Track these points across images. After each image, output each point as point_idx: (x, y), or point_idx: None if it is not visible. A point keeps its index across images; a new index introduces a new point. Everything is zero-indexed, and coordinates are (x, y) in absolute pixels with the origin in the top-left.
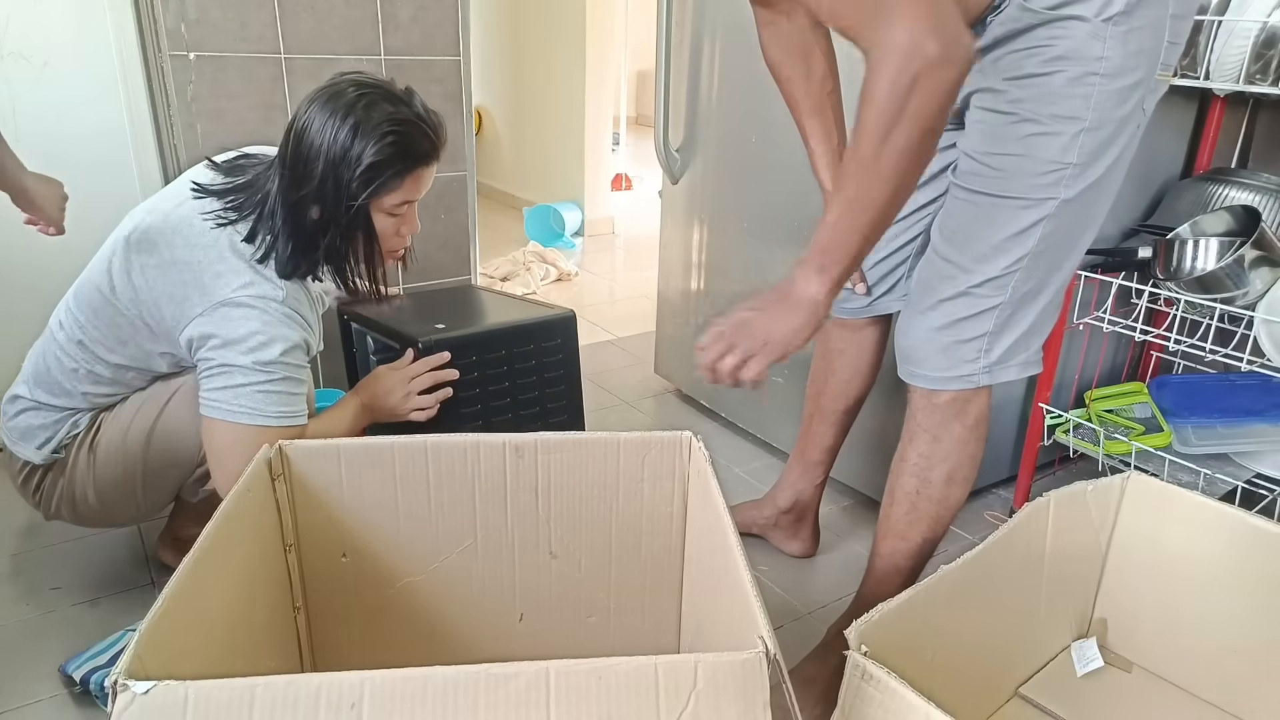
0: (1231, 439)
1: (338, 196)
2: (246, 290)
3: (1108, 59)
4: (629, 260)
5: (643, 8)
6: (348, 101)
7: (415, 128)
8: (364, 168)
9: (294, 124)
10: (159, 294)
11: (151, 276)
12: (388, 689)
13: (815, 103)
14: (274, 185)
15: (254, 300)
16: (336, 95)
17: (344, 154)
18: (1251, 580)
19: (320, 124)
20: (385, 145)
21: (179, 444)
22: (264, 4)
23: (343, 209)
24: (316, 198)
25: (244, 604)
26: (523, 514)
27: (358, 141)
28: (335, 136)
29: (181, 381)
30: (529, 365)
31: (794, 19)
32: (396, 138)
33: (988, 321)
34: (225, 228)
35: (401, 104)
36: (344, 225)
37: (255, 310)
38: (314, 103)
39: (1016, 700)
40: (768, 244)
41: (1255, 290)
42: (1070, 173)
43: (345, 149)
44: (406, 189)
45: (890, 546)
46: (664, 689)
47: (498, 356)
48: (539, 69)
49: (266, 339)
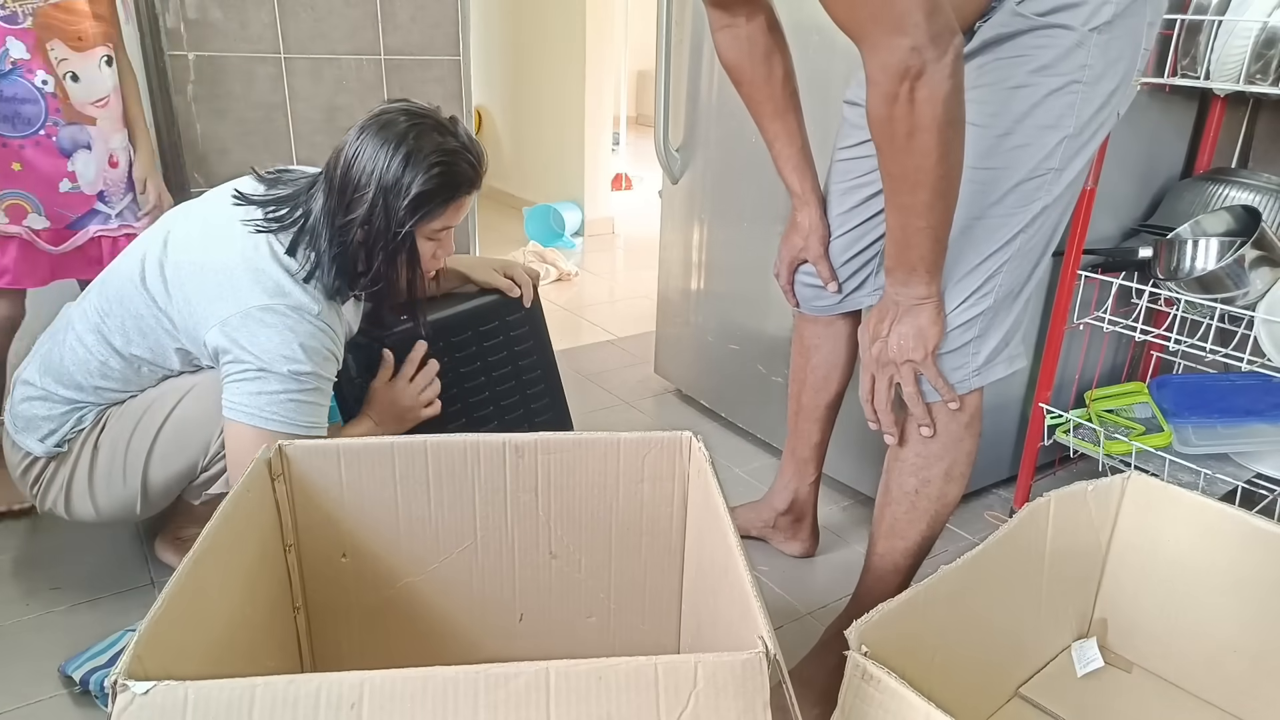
0: (1232, 439)
1: (387, 222)
2: (284, 300)
3: (1090, 67)
4: (629, 260)
5: (643, 8)
6: (399, 131)
7: (462, 157)
8: (413, 196)
9: (344, 150)
10: (191, 291)
11: (186, 274)
12: (388, 689)
13: (778, 105)
14: (319, 205)
15: (291, 310)
16: (388, 125)
17: (395, 182)
18: (1252, 580)
19: (372, 152)
20: (433, 175)
21: (185, 447)
22: (264, 4)
23: (390, 234)
24: (365, 222)
25: (244, 604)
26: (523, 514)
27: (409, 171)
28: (388, 164)
29: (193, 384)
30: (497, 343)
31: (753, 21)
32: (444, 168)
33: (974, 328)
34: (265, 234)
35: (449, 134)
36: (390, 250)
37: (292, 319)
38: (365, 130)
39: (1017, 700)
40: (768, 244)
41: (1255, 290)
42: (1050, 178)
43: (396, 178)
44: (449, 215)
45: (888, 545)
46: (664, 689)
47: (464, 339)
48: (539, 69)
49: (304, 350)
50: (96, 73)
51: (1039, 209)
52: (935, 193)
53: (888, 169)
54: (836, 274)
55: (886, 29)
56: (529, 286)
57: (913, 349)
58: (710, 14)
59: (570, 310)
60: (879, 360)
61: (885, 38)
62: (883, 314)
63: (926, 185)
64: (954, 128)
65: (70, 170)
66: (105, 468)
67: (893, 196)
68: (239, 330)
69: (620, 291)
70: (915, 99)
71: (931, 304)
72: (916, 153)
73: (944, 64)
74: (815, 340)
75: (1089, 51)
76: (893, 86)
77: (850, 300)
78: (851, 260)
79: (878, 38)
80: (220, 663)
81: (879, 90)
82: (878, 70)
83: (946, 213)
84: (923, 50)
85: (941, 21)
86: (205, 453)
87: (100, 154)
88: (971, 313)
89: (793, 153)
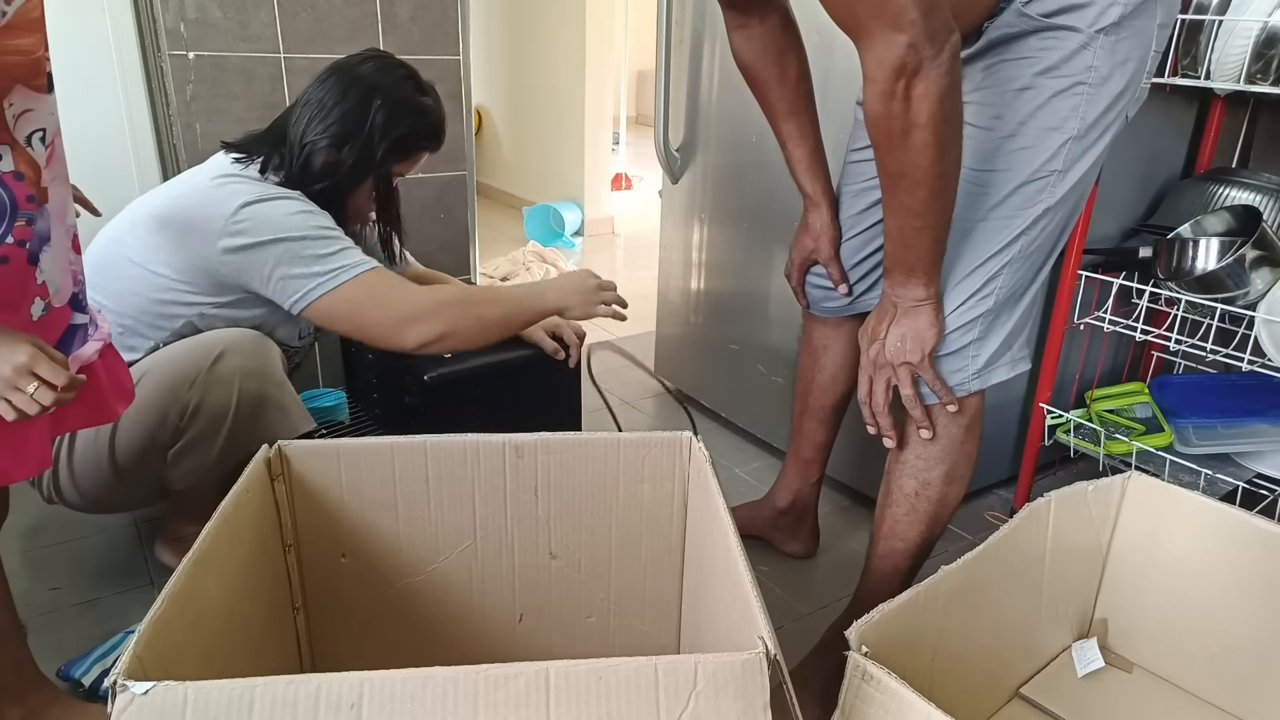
0: (1232, 439)
1: (366, 151)
2: (264, 190)
3: (1096, 68)
4: (629, 260)
5: (643, 8)
6: (404, 72)
7: (438, 119)
8: (397, 138)
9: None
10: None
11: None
12: (388, 689)
13: (791, 105)
14: (297, 117)
15: (274, 194)
16: (392, 63)
17: (391, 125)
18: (1252, 581)
19: (378, 73)
20: (420, 125)
21: (142, 418)
22: (264, 4)
23: (363, 163)
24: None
25: (244, 604)
26: (522, 514)
27: (402, 116)
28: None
29: (147, 366)
30: (535, 395)
31: (766, 21)
32: (429, 125)
33: (973, 330)
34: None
35: (432, 98)
36: (354, 178)
37: (279, 201)
38: (369, 59)
39: (1017, 700)
40: (768, 244)
41: (1256, 290)
42: (1053, 180)
43: (392, 115)
44: (412, 164)
45: (888, 547)
46: (664, 689)
47: (502, 388)
48: (539, 69)
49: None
50: (50, 116)
51: (1040, 211)
52: (932, 191)
53: (885, 166)
54: (847, 276)
55: (883, 25)
56: (576, 348)
57: (909, 351)
58: (725, 14)
59: None
60: (876, 362)
61: (882, 34)
62: (882, 315)
63: (923, 184)
64: (950, 125)
65: (41, 283)
66: (81, 449)
67: (890, 195)
68: (241, 233)
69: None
70: (911, 96)
71: (929, 306)
72: (912, 150)
73: (940, 61)
74: (824, 341)
75: (1095, 53)
76: (889, 83)
77: (860, 302)
78: (862, 262)
79: (874, 34)
80: (220, 663)
81: (875, 87)
82: (874, 67)
83: (944, 213)
84: (919, 47)
85: (938, 19)
86: (163, 423)
87: (61, 241)
88: (971, 315)
89: (805, 154)
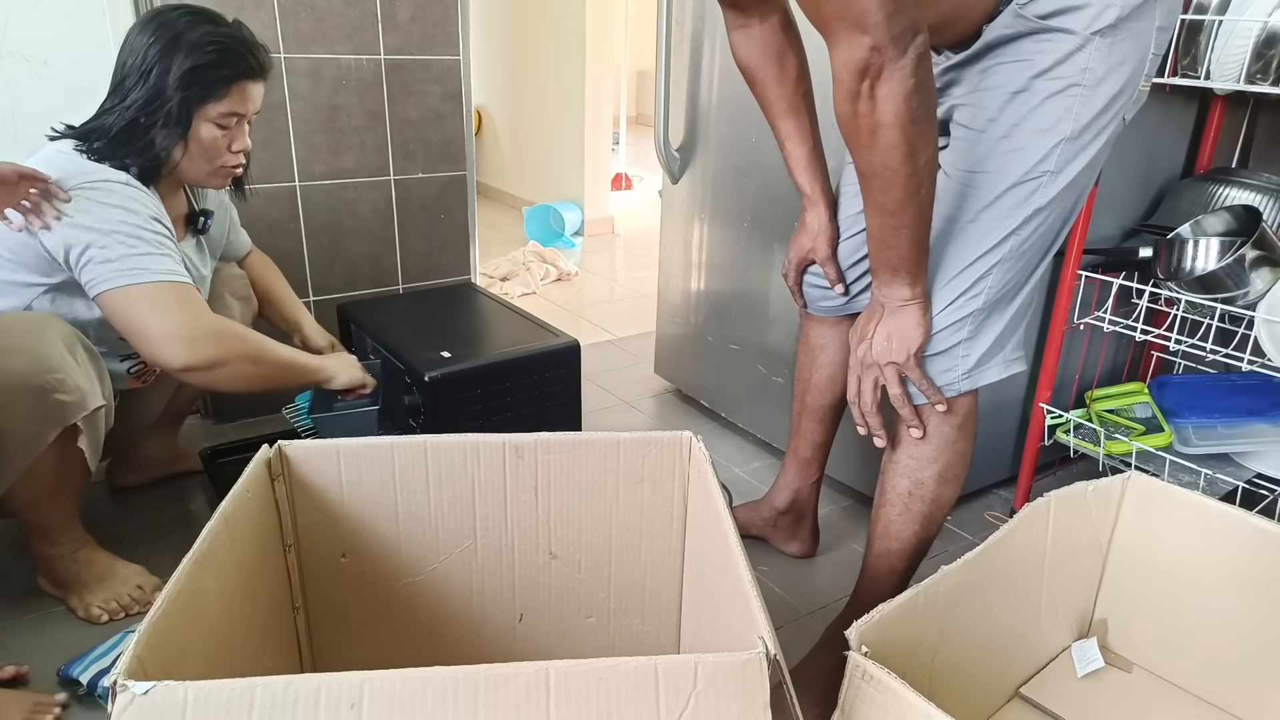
0: (1232, 439)
1: (160, 94)
2: (91, 176)
3: (1091, 70)
4: (629, 260)
5: (643, 8)
6: (171, 19)
7: (238, 43)
8: (187, 69)
9: (125, 42)
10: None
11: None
12: (388, 689)
13: (790, 105)
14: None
15: (98, 184)
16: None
17: (171, 55)
18: (1252, 580)
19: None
20: (208, 52)
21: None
22: (264, 4)
23: (164, 105)
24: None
25: (244, 604)
26: (522, 514)
27: (184, 46)
28: (165, 43)
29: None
30: (533, 395)
31: (766, 21)
32: (218, 48)
33: (962, 330)
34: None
35: (225, 26)
36: (166, 124)
37: (101, 191)
38: (145, 24)
39: (1017, 700)
40: (768, 244)
41: (1256, 290)
42: (1045, 181)
43: (171, 52)
44: (232, 100)
45: (884, 547)
46: (664, 689)
47: (502, 388)
48: (539, 69)
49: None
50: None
51: (1031, 211)
52: (906, 191)
53: (859, 166)
54: (844, 275)
55: (847, 26)
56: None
57: (895, 350)
58: (725, 14)
59: (570, 310)
60: (864, 361)
61: (846, 35)
62: (870, 315)
63: (895, 183)
64: (918, 126)
65: None
66: None
67: (867, 195)
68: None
69: (620, 291)
70: (876, 96)
71: (916, 306)
72: (881, 150)
73: (904, 63)
74: (821, 340)
75: (1090, 54)
76: (854, 84)
77: (857, 302)
78: (859, 262)
79: (840, 35)
80: (220, 663)
81: (842, 87)
82: (840, 67)
83: (921, 213)
84: (883, 49)
85: (903, 22)
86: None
87: None
88: (959, 314)
89: (803, 153)
